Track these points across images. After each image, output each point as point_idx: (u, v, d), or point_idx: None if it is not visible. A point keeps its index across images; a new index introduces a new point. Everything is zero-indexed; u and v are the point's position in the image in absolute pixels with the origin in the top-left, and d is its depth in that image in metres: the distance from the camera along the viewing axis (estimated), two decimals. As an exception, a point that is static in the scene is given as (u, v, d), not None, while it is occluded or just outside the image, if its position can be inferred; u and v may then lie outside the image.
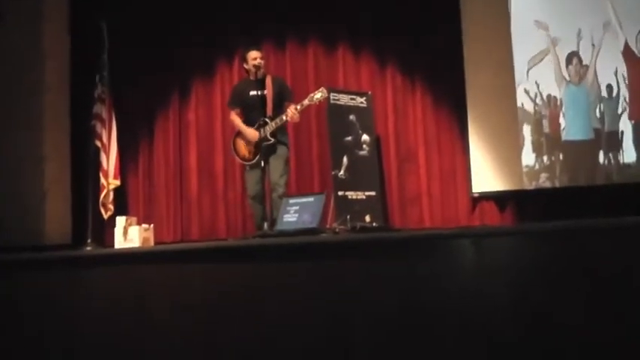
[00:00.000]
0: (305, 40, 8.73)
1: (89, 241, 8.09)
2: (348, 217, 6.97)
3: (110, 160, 8.40)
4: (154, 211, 8.83)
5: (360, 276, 3.21)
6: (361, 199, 7.72)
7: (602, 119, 7.84)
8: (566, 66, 8.00)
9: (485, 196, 8.19)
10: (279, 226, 6.23)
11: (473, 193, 8.19)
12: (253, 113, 7.04)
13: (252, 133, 6.95)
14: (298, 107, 6.96)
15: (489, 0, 8.38)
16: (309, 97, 6.99)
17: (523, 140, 8.07)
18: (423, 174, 8.34)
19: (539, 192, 7.99)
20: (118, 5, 9.00)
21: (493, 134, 8.16)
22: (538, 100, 8.08)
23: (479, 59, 8.26)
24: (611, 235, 2.87)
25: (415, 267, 3.12)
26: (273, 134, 6.90)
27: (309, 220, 5.93)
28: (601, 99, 7.86)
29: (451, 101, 8.39)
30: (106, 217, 8.33)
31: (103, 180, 8.34)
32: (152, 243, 7.20)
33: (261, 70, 7.10)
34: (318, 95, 6.96)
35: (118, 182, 8.45)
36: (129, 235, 7.05)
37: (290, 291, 3.36)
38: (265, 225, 6.65)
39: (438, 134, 8.42)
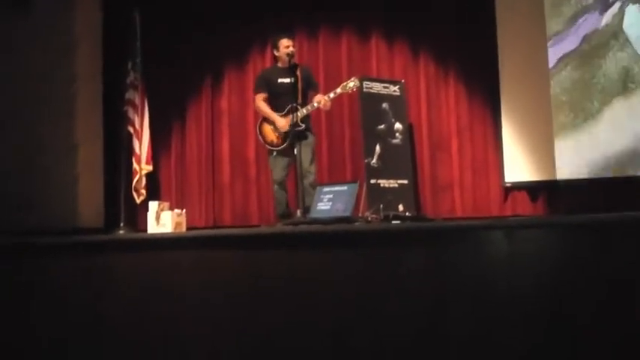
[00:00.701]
0: (338, 29, 8.72)
1: (122, 225, 8.18)
2: (382, 206, 6.94)
3: (143, 146, 8.45)
4: (186, 196, 8.85)
5: (393, 266, 3.21)
6: (394, 188, 7.72)
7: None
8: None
9: (518, 186, 8.18)
10: (312, 214, 6.24)
11: (505, 182, 8.18)
12: (281, 100, 7.04)
13: (281, 121, 6.97)
14: (331, 95, 6.97)
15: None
16: (341, 86, 7.01)
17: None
18: (455, 163, 8.37)
19: (572, 183, 7.94)
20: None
21: (526, 124, 8.15)
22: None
23: (512, 48, 8.25)
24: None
25: (447, 257, 3.11)
26: (302, 121, 6.90)
27: (343, 209, 5.94)
28: None
29: (484, 90, 8.39)
30: (138, 201, 8.38)
31: (135, 165, 8.40)
32: (184, 228, 7.26)
33: (294, 58, 7.10)
34: (351, 84, 6.98)
35: (150, 167, 8.50)
36: (161, 219, 7.12)
37: (323, 279, 3.36)
38: (298, 212, 6.65)
39: (470, 123, 8.42)
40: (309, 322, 3.34)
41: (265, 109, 7.13)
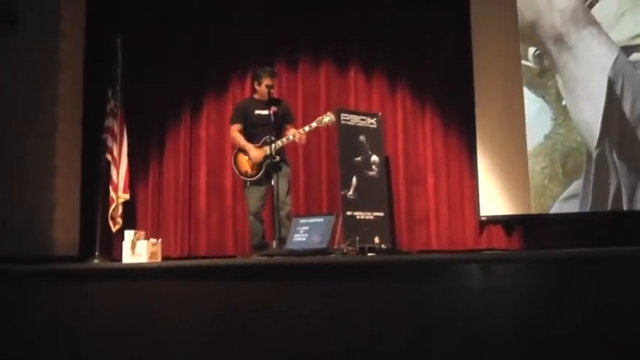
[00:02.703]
0: (318, 61, 8.77)
1: (97, 253, 8.15)
2: (357, 238, 6.96)
3: (120, 174, 8.43)
4: (162, 225, 8.83)
5: (369, 298, 3.22)
6: (369, 220, 7.74)
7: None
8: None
9: (493, 220, 8.22)
10: (288, 246, 6.25)
11: (480, 216, 8.22)
12: (257, 131, 7.09)
13: (255, 152, 7.01)
14: (306, 129, 7.03)
15: (500, 24, 8.44)
16: (317, 120, 7.06)
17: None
18: (431, 196, 8.40)
19: (547, 217, 8.01)
20: (134, 21, 9.07)
21: (502, 158, 8.21)
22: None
23: (489, 84, 8.32)
24: (619, 265, 2.89)
25: (423, 290, 3.13)
26: (277, 153, 6.92)
27: (319, 241, 5.96)
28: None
29: (460, 124, 8.47)
30: (114, 230, 8.35)
31: (112, 193, 8.37)
32: (159, 258, 7.22)
33: (272, 93, 7.16)
34: (326, 119, 7.04)
35: (127, 196, 8.47)
36: (137, 249, 7.07)
37: (298, 311, 3.37)
38: (274, 243, 6.65)
39: (446, 157, 8.47)
40: (283, 353, 3.35)
41: (240, 139, 7.16)
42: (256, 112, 7.14)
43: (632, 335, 2.72)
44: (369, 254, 6.71)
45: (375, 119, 8.20)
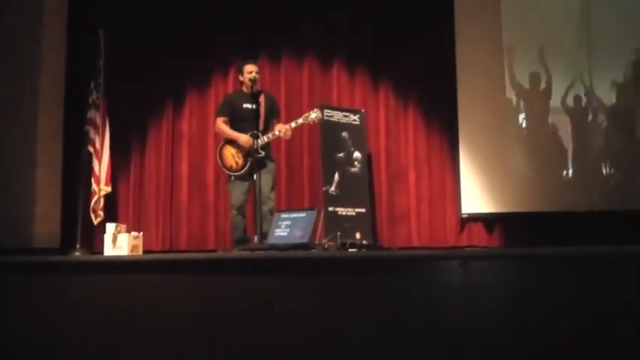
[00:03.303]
0: (301, 56, 8.79)
1: (78, 246, 8.14)
2: (339, 233, 6.98)
3: (102, 167, 8.42)
4: (143, 219, 8.83)
5: (349, 292, 3.23)
6: (351, 216, 7.77)
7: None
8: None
9: (474, 218, 8.26)
10: (270, 240, 6.25)
11: (462, 214, 8.26)
12: (243, 125, 7.07)
13: (244, 137, 6.97)
14: (292, 125, 7.02)
15: (483, 23, 8.47)
16: (303, 117, 7.06)
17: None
18: (412, 193, 8.43)
19: (527, 215, 8.06)
20: (117, 14, 9.05)
21: (483, 156, 8.25)
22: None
23: (472, 82, 8.37)
24: (596, 264, 2.91)
25: (403, 286, 3.14)
26: (263, 148, 6.93)
27: (300, 236, 5.96)
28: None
29: (443, 122, 8.50)
30: (95, 222, 8.34)
31: (94, 186, 8.36)
32: (141, 251, 7.23)
33: (257, 84, 7.14)
34: (313, 115, 7.01)
35: (109, 189, 8.46)
36: (118, 242, 7.08)
37: (278, 305, 3.37)
38: (255, 238, 6.66)
39: (428, 154, 8.51)
40: (263, 347, 3.36)
41: (226, 129, 7.13)
42: (244, 105, 7.11)
43: (611, 336, 2.74)
44: (350, 250, 6.73)
45: (357, 116, 8.22)
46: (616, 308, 2.74)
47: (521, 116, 8.26)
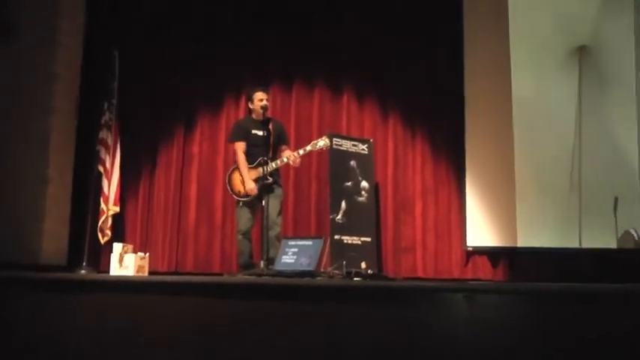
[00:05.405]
0: (312, 85, 8.85)
1: (84, 264, 8.17)
2: (344, 262, 7.00)
3: (111, 187, 8.50)
4: (150, 239, 8.87)
5: (353, 321, 3.25)
6: (357, 245, 7.79)
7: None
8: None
9: (479, 251, 8.27)
10: (277, 267, 6.30)
11: (467, 246, 8.27)
12: (253, 151, 7.15)
13: (250, 184, 7.07)
14: (300, 152, 7.09)
15: (491, 58, 8.50)
16: (312, 144, 7.12)
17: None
18: (418, 224, 8.44)
19: (532, 250, 8.06)
20: (132, 36, 9.16)
21: (490, 190, 8.27)
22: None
23: (479, 115, 8.40)
24: (601, 301, 2.92)
25: (406, 316, 3.16)
26: (271, 174, 6.98)
27: (307, 263, 6.01)
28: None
29: (450, 154, 8.53)
30: (102, 242, 8.40)
31: (103, 205, 8.44)
32: (147, 272, 7.25)
33: (267, 112, 7.21)
34: (321, 143, 7.07)
35: (117, 209, 8.54)
36: (124, 262, 7.10)
37: (283, 332, 3.39)
38: (261, 263, 6.69)
39: (435, 185, 8.54)
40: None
41: (243, 163, 7.18)
42: (253, 131, 7.20)
43: None
44: (355, 279, 6.75)
45: (366, 145, 8.28)
46: (620, 346, 2.76)
47: (529, 151, 8.24)
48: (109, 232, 8.44)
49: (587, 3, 8.31)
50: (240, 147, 7.26)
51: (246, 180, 7.09)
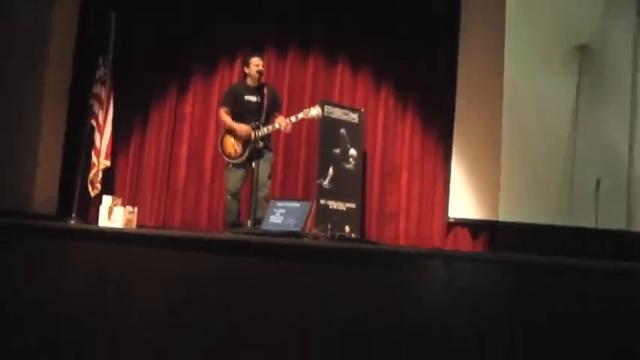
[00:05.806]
0: (306, 52, 8.91)
1: (73, 215, 8.25)
2: (329, 225, 7.15)
3: (103, 141, 8.57)
4: (139, 194, 9.00)
5: (339, 282, 3.32)
6: (341, 210, 7.93)
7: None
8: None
9: (460, 223, 8.39)
10: (264, 226, 6.40)
11: (449, 218, 8.40)
12: (245, 116, 7.23)
13: (243, 127, 7.14)
14: (292, 119, 7.17)
15: (487, 37, 8.53)
16: (304, 112, 7.21)
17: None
18: (403, 193, 8.53)
19: (512, 225, 8.19)
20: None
21: (475, 164, 8.35)
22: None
23: (471, 89, 8.45)
24: (575, 277, 3.00)
25: (392, 279, 3.23)
26: (262, 139, 7.10)
27: (294, 224, 6.11)
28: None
29: (439, 128, 8.60)
30: (92, 194, 8.50)
31: (94, 158, 8.53)
32: (135, 225, 7.34)
33: (262, 77, 7.31)
34: (313, 112, 7.15)
35: (108, 163, 8.63)
36: (113, 215, 7.17)
37: (269, 289, 3.46)
38: (249, 223, 6.83)
39: (422, 157, 8.62)
40: (248, 326, 3.47)
41: (227, 119, 7.29)
42: (246, 97, 7.28)
43: (589, 345, 2.80)
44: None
45: (357, 114, 8.37)
46: (593, 320, 2.83)
47: (518, 131, 8.33)
48: (98, 186, 8.53)
49: (588, 3, 8.36)
50: (222, 111, 7.39)
51: (235, 127, 7.19)
